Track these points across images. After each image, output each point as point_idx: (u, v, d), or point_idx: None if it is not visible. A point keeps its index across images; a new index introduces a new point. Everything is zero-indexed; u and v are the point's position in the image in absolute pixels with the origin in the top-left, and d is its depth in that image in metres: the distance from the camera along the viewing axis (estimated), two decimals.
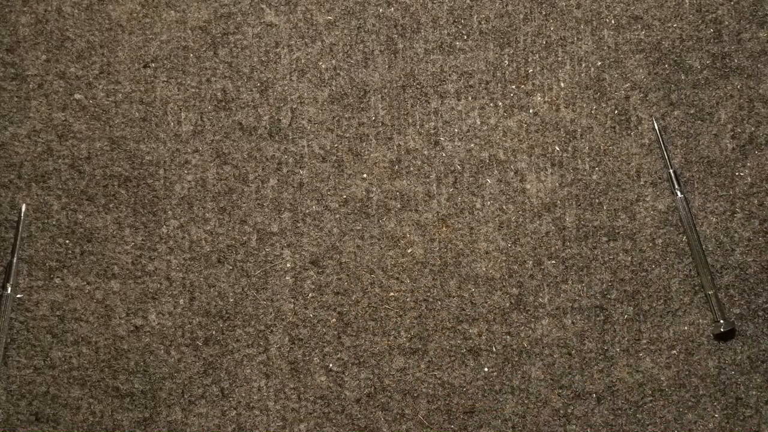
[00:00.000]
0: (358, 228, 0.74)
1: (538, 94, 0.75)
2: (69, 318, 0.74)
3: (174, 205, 0.74)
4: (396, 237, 0.74)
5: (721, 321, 0.73)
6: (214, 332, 0.74)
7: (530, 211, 0.74)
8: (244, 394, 0.74)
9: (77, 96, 0.74)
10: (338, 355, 0.74)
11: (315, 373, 0.74)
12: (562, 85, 0.75)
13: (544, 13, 0.75)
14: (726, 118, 0.75)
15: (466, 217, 0.74)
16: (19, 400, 0.73)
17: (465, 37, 0.75)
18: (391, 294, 0.74)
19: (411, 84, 0.75)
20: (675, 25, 0.75)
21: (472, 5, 0.75)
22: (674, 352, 0.74)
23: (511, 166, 0.74)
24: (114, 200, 0.74)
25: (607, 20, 0.75)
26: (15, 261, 0.73)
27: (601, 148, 0.74)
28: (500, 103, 0.74)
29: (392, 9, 0.75)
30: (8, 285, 0.73)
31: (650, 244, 0.74)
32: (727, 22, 0.75)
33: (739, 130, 0.75)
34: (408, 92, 0.74)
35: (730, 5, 0.75)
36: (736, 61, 0.75)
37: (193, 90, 0.74)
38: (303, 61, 0.75)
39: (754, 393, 0.74)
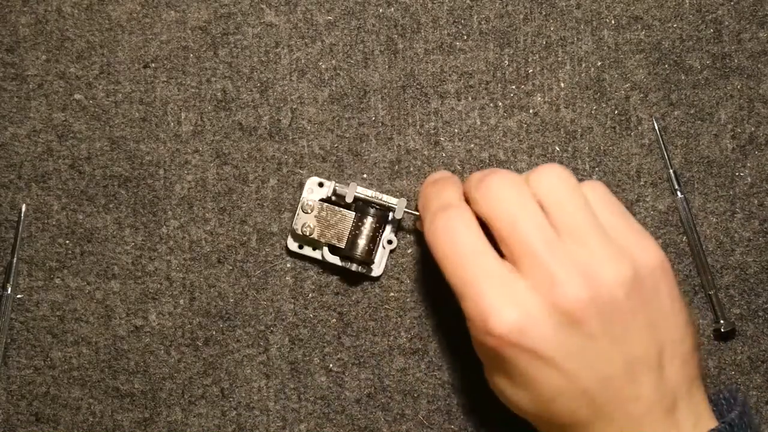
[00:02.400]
0: None
1: (538, 95, 0.75)
2: (69, 318, 0.74)
3: (174, 205, 0.74)
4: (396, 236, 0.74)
5: (721, 321, 0.73)
6: (214, 332, 0.74)
7: None
8: (244, 395, 0.74)
9: (77, 96, 0.74)
10: (338, 356, 0.74)
11: (315, 373, 0.74)
12: (562, 85, 0.75)
13: (544, 13, 0.75)
14: (726, 118, 0.75)
15: None
16: (19, 400, 0.73)
17: (465, 37, 0.75)
18: (392, 294, 0.74)
19: (411, 84, 0.75)
20: (675, 26, 0.75)
21: (472, 5, 0.75)
22: None
23: (511, 167, 0.74)
24: (114, 200, 0.74)
25: (607, 20, 0.75)
26: (15, 261, 0.73)
27: (601, 148, 0.74)
28: (500, 104, 0.74)
29: (392, 9, 0.75)
30: (8, 285, 0.73)
31: None
32: (727, 23, 0.75)
33: (740, 131, 0.75)
34: (408, 92, 0.74)
35: (730, 5, 0.75)
36: (736, 61, 0.75)
37: (193, 90, 0.74)
38: (303, 61, 0.75)
39: (754, 393, 0.74)
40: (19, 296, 0.74)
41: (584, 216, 0.56)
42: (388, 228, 0.73)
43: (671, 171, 0.74)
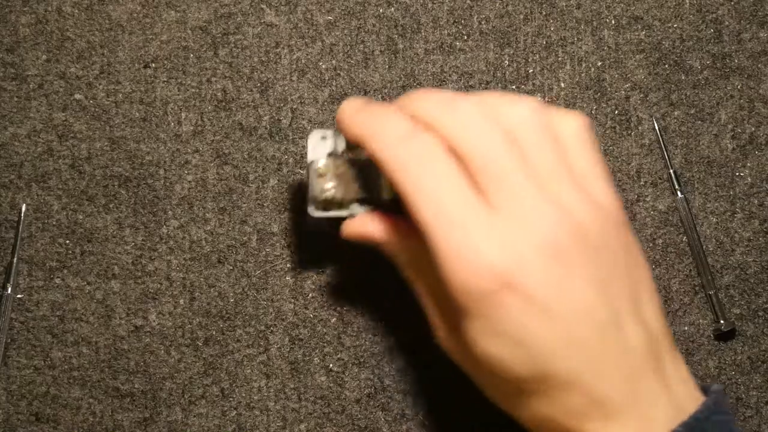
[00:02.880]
0: None
1: (539, 95, 0.75)
2: (69, 318, 0.74)
3: (174, 205, 0.74)
4: None
5: (722, 321, 0.73)
6: (214, 332, 0.74)
7: None
8: (244, 395, 0.74)
9: (77, 96, 0.74)
10: (338, 355, 0.74)
11: (315, 373, 0.74)
12: (563, 85, 0.75)
13: (544, 13, 0.75)
14: (726, 119, 0.75)
15: None
16: (19, 400, 0.73)
17: (465, 37, 0.75)
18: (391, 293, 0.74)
19: (411, 84, 0.75)
20: (675, 26, 0.75)
21: (472, 5, 0.75)
22: None
23: None
24: (114, 200, 0.74)
25: (608, 20, 0.75)
26: (15, 261, 0.73)
27: (602, 148, 0.74)
28: None
29: (392, 9, 0.75)
30: (8, 285, 0.73)
31: (650, 244, 0.74)
32: (727, 22, 0.75)
33: (740, 131, 0.75)
34: (408, 92, 0.74)
35: (730, 5, 0.75)
36: (736, 61, 0.75)
37: (194, 90, 0.74)
38: (303, 61, 0.75)
39: (754, 393, 0.74)
40: (19, 296, 0.74)
41: (555, 156, 0.52)
42: None
43: (671, 171, 0.74)
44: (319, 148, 0.65)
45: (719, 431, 0.51)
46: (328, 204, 0.63)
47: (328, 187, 0.62)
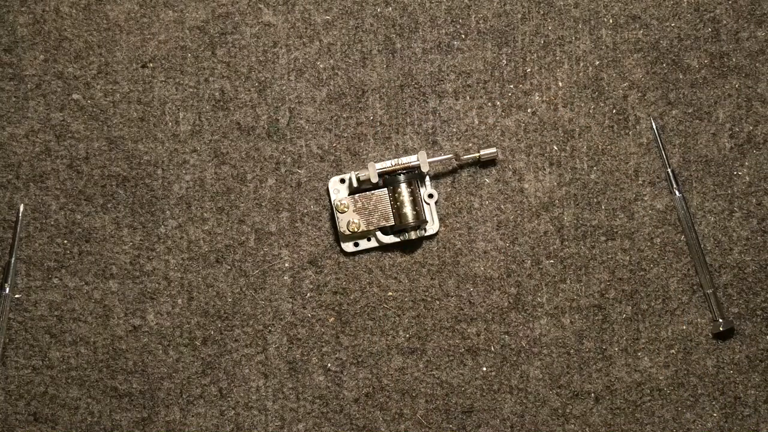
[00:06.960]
0: None
1: (536, 94, 0.75)
2: (67, 318, 0.74)
3: (172, 205, 0.74)
4: None
5: (720, 320, 0.73)
6: (212, 332, 0.74)
7: (528, 211, 0.74)
8: (242, 394, 0.74)
9: (75, 96, 0.74)
10: (336, 355, 0.74)
11: (313, 372, 0.74)
12: (560, 84, 0.75)
13: (542, 12, 0.75)
14: (724, 118, 0.75)
15: (464, 216, 0.74)
16: (18, 400, 0.73)
17: (463, 36, 0.75)
18: (390, 294, 0.74)
19: (409, 83, 0.75)
20: (673, 25, 0.75)
21: (470, 5, 0.75)
22: (673, 351, 0.74)
23: (509, 166, 0.74)
24: (112, 200, 0.74)
25: (605, 19, 0.75)
26: (13, 261, 0.73)
27: (599, 147, 0.74)
28: (498, 103, 0.74)
29: (390, 9, 0.75)
30: (6, 285, 0.73)
31: (648, 244, 0.74)
32: (725, 21, 0.75)
33: (738, 130, 0.75)
34: (406, 92, 0.74)
35: (728, 4, 0.75)
36: (734, 60, 0.75)
37: (191, 90, 0.74)
38: (301, 60, 0.75)
39: (752, 392, 0.74)
40: (17, 296, 0.74)
41: None
42: (423, 184, 0.73)
43: (669, 170, 0.74)
44: (341, 190, 0.72)
45: None
46: (355, 237, 0.73)
47: (350, 221, 0.71)
